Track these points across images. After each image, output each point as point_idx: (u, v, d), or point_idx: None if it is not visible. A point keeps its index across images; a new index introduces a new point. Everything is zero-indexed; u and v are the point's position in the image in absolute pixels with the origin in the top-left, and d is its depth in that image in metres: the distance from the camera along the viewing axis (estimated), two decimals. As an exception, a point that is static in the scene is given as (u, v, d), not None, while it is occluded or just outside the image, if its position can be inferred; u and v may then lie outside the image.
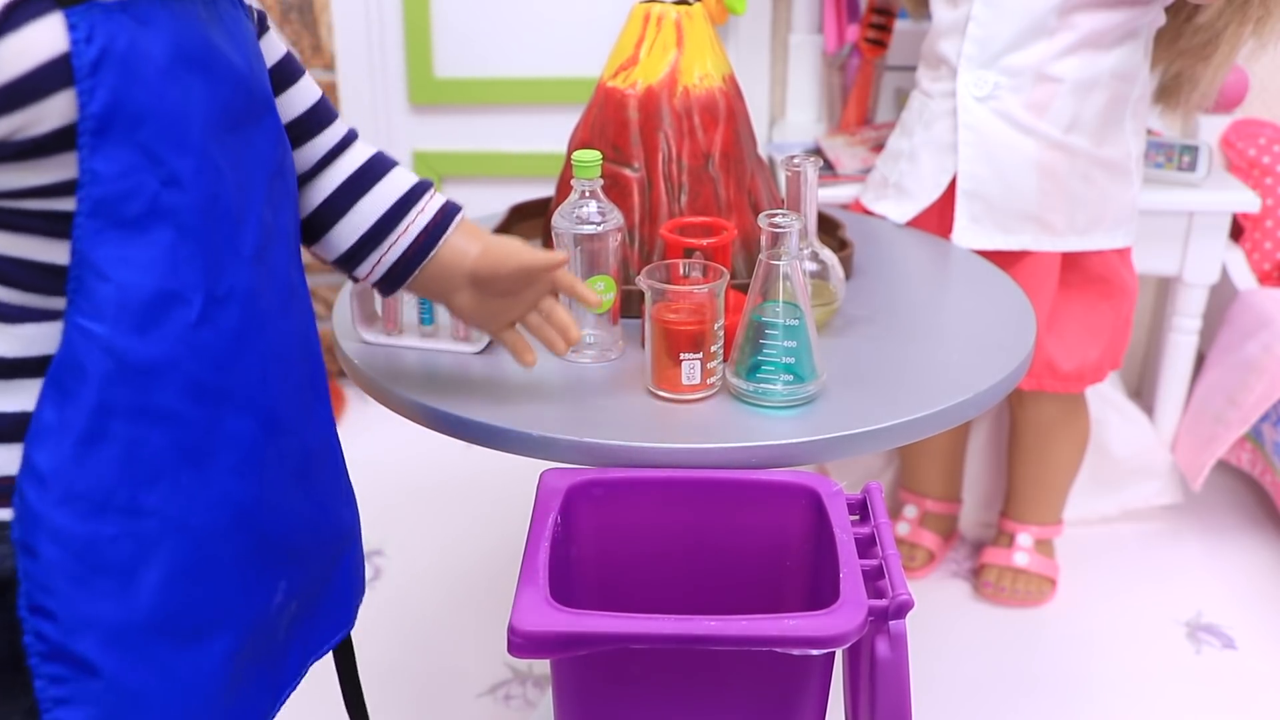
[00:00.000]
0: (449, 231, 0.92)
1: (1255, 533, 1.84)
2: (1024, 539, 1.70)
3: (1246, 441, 1.79)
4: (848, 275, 1.20)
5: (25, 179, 0.63)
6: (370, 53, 2.08)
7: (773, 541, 0.90)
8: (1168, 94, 1.64)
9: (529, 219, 1.35)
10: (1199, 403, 1.82)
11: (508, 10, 2.03)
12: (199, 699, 0.73)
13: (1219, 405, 1.76)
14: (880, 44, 1.82)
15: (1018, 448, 1.70)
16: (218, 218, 0.70)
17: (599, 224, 1.04)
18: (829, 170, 1.73)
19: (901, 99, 1.75)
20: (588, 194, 1.04)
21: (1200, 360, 1.88)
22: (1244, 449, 1.80)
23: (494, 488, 1.96)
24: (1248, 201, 1.71)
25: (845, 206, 1.61)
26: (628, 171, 1.17)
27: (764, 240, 0.95)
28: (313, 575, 0.84)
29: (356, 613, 0.92)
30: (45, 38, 0.61)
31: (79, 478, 0.66)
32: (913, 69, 1.59)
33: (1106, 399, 1.82)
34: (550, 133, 1.97)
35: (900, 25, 1.84)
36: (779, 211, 0.90)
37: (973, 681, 1.52)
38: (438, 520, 1.89)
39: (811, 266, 1.10)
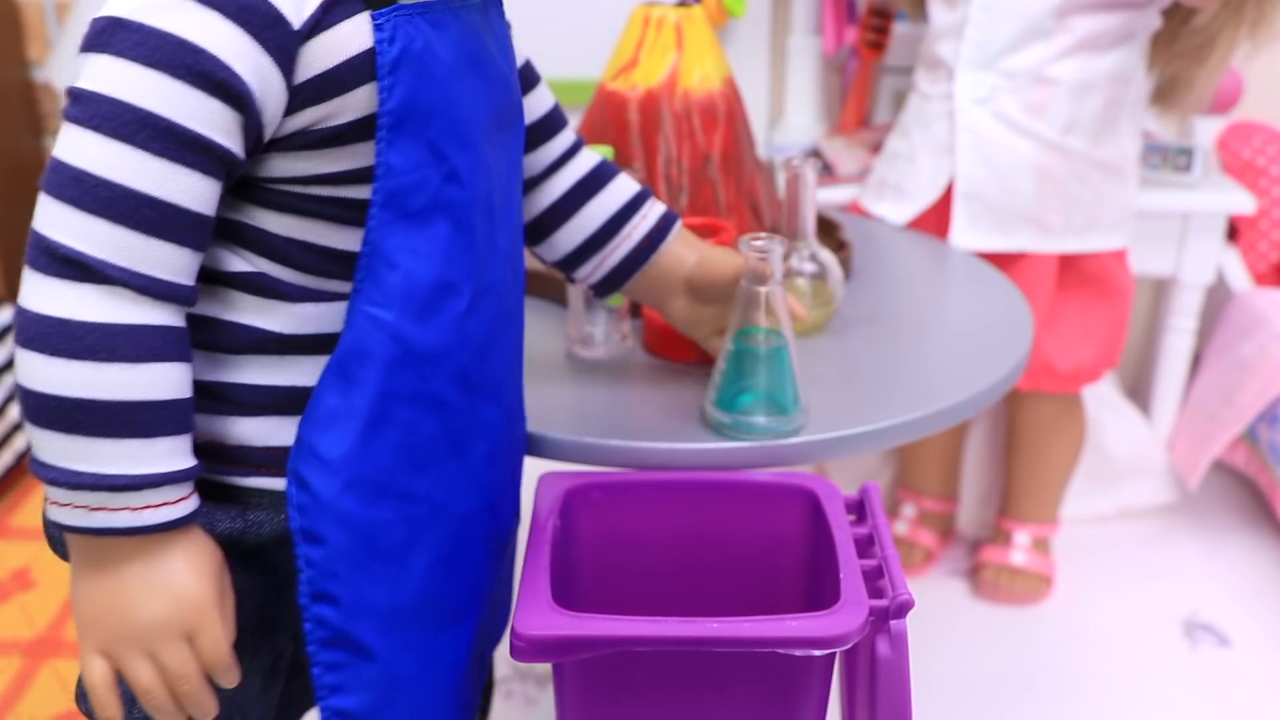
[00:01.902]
0: (668, 238, 0.95)
1: (1251, 532, 1.84)
2: (1021, 538, 1.71)
3: (1242, 441, 1.80)
4: (846, 276, 1.20)
5: (318, 166, 0.66)
6: (370, 54, 2.08)
7: (771, 542, 0.91)
8: (1164, 96, 1.65)
9: (530, 220, 1.36)
10: (1195, 403, 1.83)
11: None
12: (454, 682, 0.76)
13: (1215, 405, 1.77)
14: (879, 46, 1.83)
15: (1015, 447, 1.71)
16: (487, 214, 0.73)
17: None
18: (827, 172, 1.74)
19: (900, 101, 1.76)
20: None
21: (1196, 360, 1.89)
22: (1240, 448, 1.81)
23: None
24: (1243, 203, 1.72)
25: (844, 208, 1.62)
26: (628, 173, 1.18)
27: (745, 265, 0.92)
28: (508, 563, 0.87)
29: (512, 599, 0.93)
30: (355, 36, 0.65)
31: (364, 463, 0.68)
32: (911, 71, 1.60)
33: (1103, 399, 1.83)
34: (550, 134, 1.97)
35: (898, 27, 1.85)
36: (761, 235, 0.89)
37: (970, 679, 1.53)
38: (438, 520, 1.89)
39: (810, 267, 1.11)
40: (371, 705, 0.71)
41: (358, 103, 0.65)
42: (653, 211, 0.95)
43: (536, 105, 0.90)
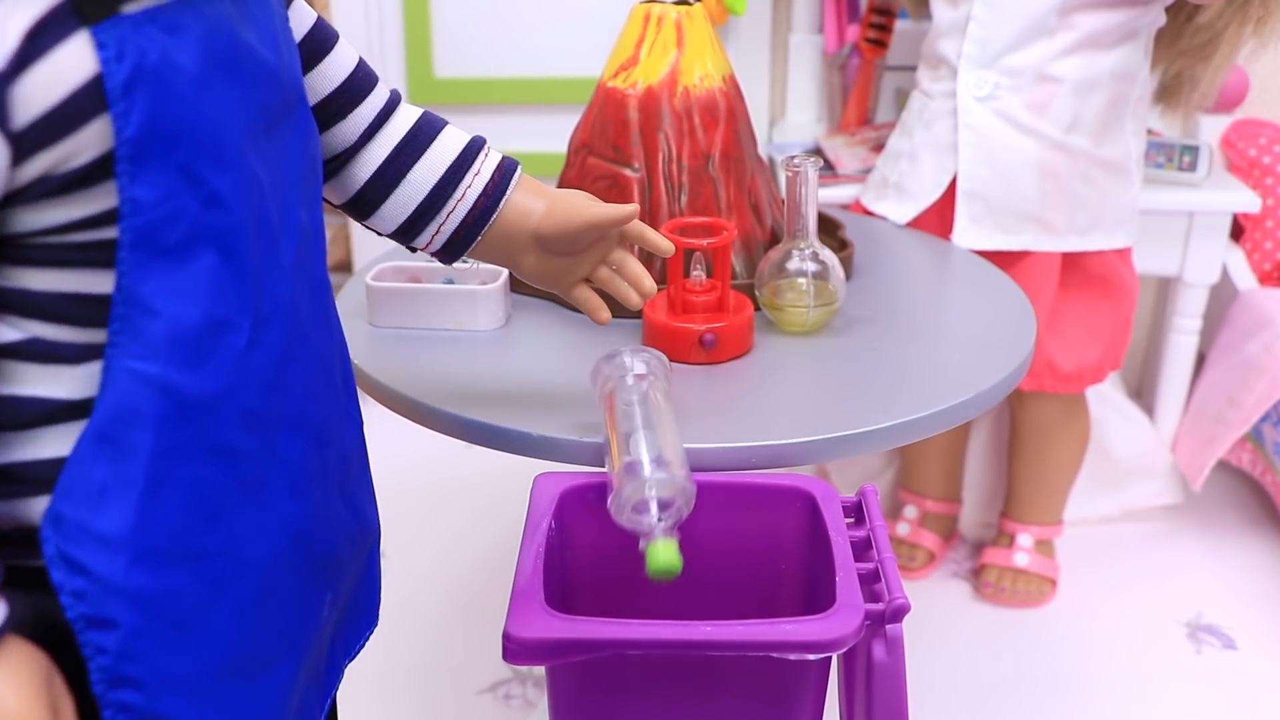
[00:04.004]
0: (509, 190, 0.87)
1: (1255, 533, 1.84)
2: (1024, 539, 1.70)
3: (1247, 442, 1.79)
4: (848, 275, 1.19)
5: (71, 212, 0.59)
6: (370, 53, 2.08)
7: (767, 545, 0.90)
8: (1168, 94, 1.64)
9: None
10: (1199, 403, 1.82)
11: (508, 10, 2.03)
12: None
13: (1219, 405, 1.76)
14: (880, 44, 1.82)
15: (1018, 448, 1.70)
16: (259, 232, 0.66)
17: None
18: (829, 170, 1.73)
19: (902, 99, 1.75)
20: None
21: (1200, 360, 1.88)
22: (1244, 449, 1.80)
23: (494, 487, 1.96)
24: (1248, 201, 1.71)
25: (845, 207, 1.61)
26: (628, 172, 1.17)
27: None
28: (350, 579, 0.81)
29: (379, 609, 0.89)
30: (75, 61, 0.56)
31: (150, 532, 0.61)
32: (913, 69, 1.59)
33: (1107, 399, 1.82)
34: (550, 133, 1.97)
35: (900, 25, 1.84)
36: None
37: (973, 682, 1.52)
38: (438, 519, 1.89)
39: (812, 267, 1.10)
40: None
41: (97, 137, 0.57)
42: (487, 164, 0.86)
43: (335, 72, 0.81)
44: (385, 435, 2.12)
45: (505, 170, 0.87)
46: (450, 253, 0.88)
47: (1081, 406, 1.66)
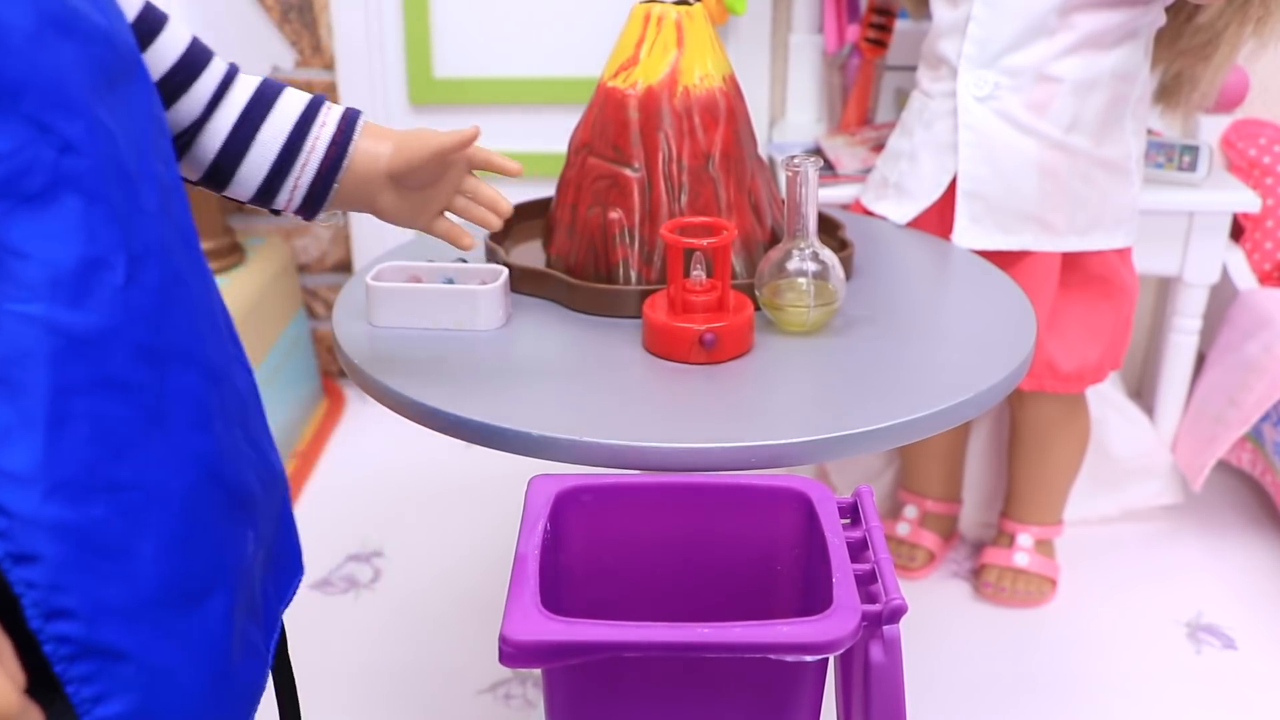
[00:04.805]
0: (355, 137, 0.91)
1: (1256, 533, 1.84)
2: (1024, 539, 1.70)
3: (1247, 442, 1.79)
4: (848, 275, 1.19)
5: None
6: (370, 53, 2.08)
7: (764, 546, 0.90)
8: (1168, 94, 1.64)
9: (529, 219, 1.36)
10: (1199, 403, 1.82)
11: (508, 10, 2.03)
12: (216, 660, 0.73)
13: (1219, 405, 1.76)
14: (880, 44, 1.82)
15: (1018, 448, 1.70)
16: (119, 178, 0.69)
17: None
18: (829, 170, 1.73)
19: (902, 99, 1.75)
20: None
21: (1200, 360, 1.88)
22: (1244, 449, 1.80)
23: (494, 487, 1.96)
24: (1248, 201, 1.71)
25: (845, 207, 1.61)
26: (628, 171, 1.17)
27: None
28: (268, 521, 0.84)
29: (301, 557, 0.91)
30: None
31: (60, 465, 0.64)
32: (913, 69, 1.59)
33: (1107, 399, 1.82)
34: (550, 133, 1.97)
35: (900, 25, 1.84)
36: None
37: (973, 682, 1.52)
38: (437, 519, 1.89)
39: (812, 267, 1.10)
40: (138, 704, 0.68)
41: None
42: (331, 116, 0.91)
43: (170, 49, 0.86)
44: (385, 435, 2.12)
45: (349, 119, 0.92)
46: (310, 207, 0.92)
47: (1081, 406, 1.66)
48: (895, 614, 0.78)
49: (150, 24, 0.84)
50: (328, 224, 0.99)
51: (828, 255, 1.12)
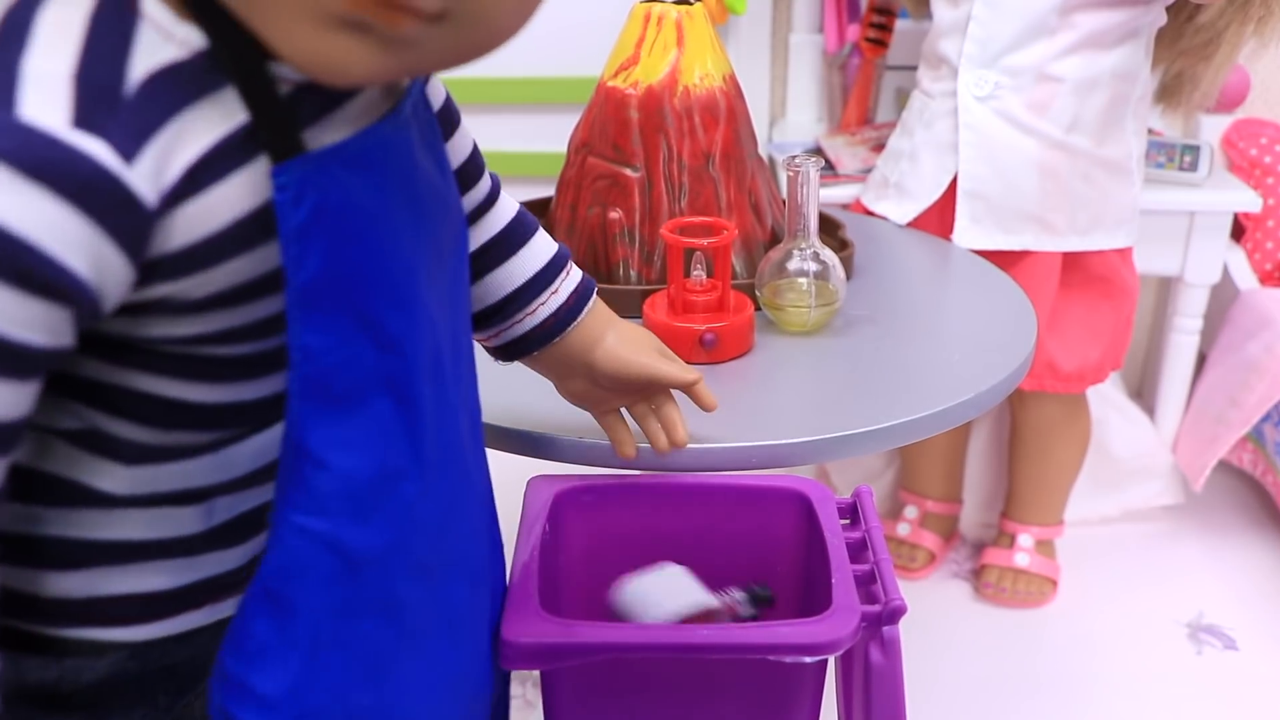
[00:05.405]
0: (582, 316, 0.82)
1: (1256, 533, 1.83)
2: (1025, 540, 1.70)
3: (1248, 442, 1.79)
4: (848, 275, 1.19)
5: (170, 330, 0.55)
6: (370, 52, 2.08)
7: (763, 547, 0.90)
8: (1169, 94, 1.64)
9: (529, 219, 1.35)
10: (1200, 403, 1.82)
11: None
12: None
13: (1220, 405, 1.76)
14: (881, 44, 1.82)
15: (1018, 448, 1.70)
16: (434, 375, 0.61)
17: None
18: (830, 170, 1.73)
19: (902, 99, 1.75)
20: None
21: (1201, 360, 1.88)
22: (1245, 449, 1.80)
23: (494, 487, 1.96)
24: (1249, 201, 1.71)
25: (846, 206, 1.61)
26: (628, 171, 1.17)
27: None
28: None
29: None
30: (236, 196, 0.51)
31: (311, 693, 0.59)
32: (913, 69, 1.59)
33: (1107, 399, 1.82)
34: (550, 133, 1.96)
35: (901, 25, 1.84)
36: None
37: (973, 682, 1.52)
38: (438, 520, 1.89)
39: (812, 266, 1.10)
40: None
41: (236, 270, 0.53)
42: (566, 284, 0.81)
43: (459, 150, 0.76)
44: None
45: (581, 294, 0.82)
46: (504, 355, 0.84)
47: (1082, 407, 1.65)
48: (895, 615, 0.78)
49: (448, 131, 0.74)
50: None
51: (828, 255, 1.12)
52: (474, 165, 0.77)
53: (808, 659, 0.74)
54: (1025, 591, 1.67)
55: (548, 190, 1.36)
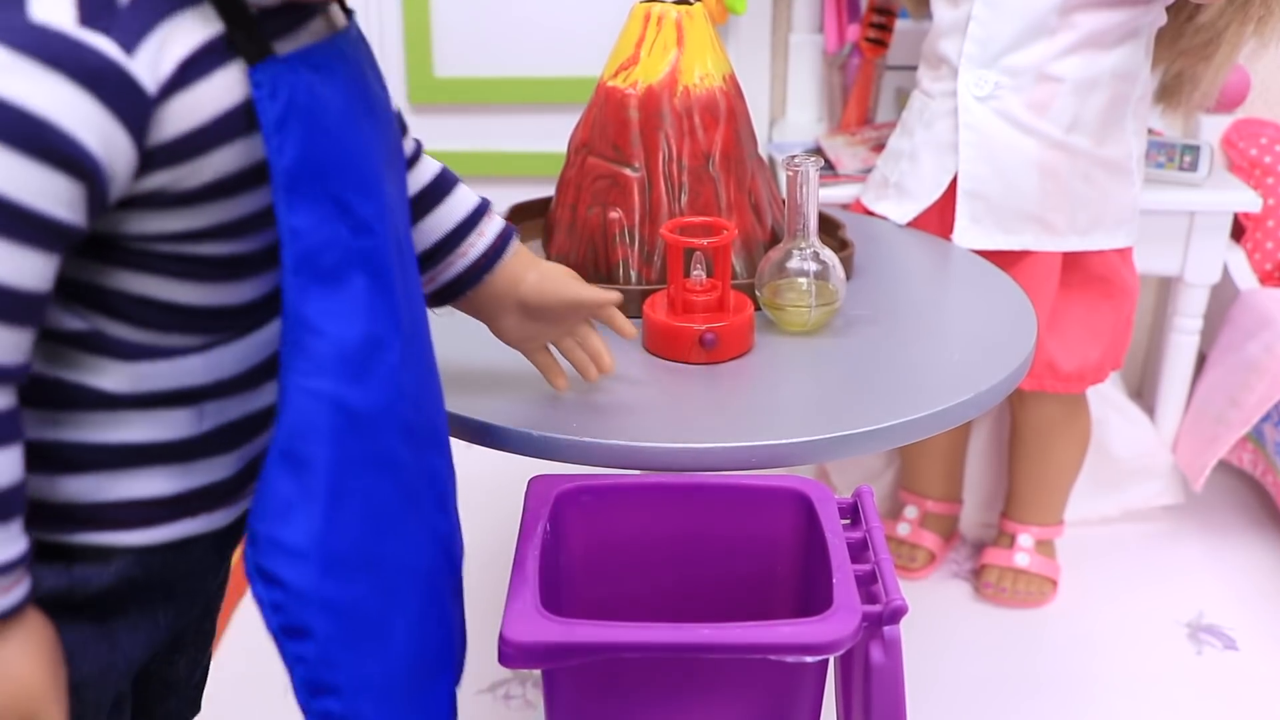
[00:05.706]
0: (506, 256, 0.91)
1: (1256, 533, 1.83)
2: (1025, 539, 1.70)
3: (1248, 442, 1.79)
4: (848, 275, 1.19)
5: (166, 224, 0.62)
6: (370, 52, 2.08)
7: (764, 547, 0.90)
8: (1169, 94, 1.64)
9: (529, 218, 1.35)
10: (1200, 403, 1.82)
11: (508, 10, 2.03)
12: None
13: (1220, 405, 1.76)
14: (881, 43, 1.82)
15: (1018, 448, 1.70)
16: (399, 256, 0.70)
17: None
18: (829, 170, 1.73)
19: (902, 99, 1.75)
20: None
21: (1201, 360, 1.87)
22: (1245, 449, 1.80)
23: (494, 487, 1.96)
24: (1249, 201, 1.71)
25: (846, 206, 1.61)
26: (628, 171, 1.17)
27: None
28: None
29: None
30: (222, 91, 0.60)
31: (333, 541, 0.65)
32: (913, 69, 1.59)
33: (1107, 399, 1.82)
34: (550, 133, 1.96)
35: (901, 25, 1.84)
36: None
37: (973, 682, 1.52)
38: (438, 520, 1.89)
39: (812, 266, 1.10)
40: None
41: (221, 161, 0.61)
42: (490, 228, 0.90)
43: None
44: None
45: (505, 235, 0.91)
46: (437, 300, 0.92)
47: (1082, 406, 1.65)
48: (895, 614, 0.78)
49: None
50: (439, 313, 0.98)
51: (828, 255, 1.12)
52: (401, 120, 0.85)
53: (809, 659, 0.74)
54: (1025, 591, 1.67)
55: (548, 190, 1.36)
